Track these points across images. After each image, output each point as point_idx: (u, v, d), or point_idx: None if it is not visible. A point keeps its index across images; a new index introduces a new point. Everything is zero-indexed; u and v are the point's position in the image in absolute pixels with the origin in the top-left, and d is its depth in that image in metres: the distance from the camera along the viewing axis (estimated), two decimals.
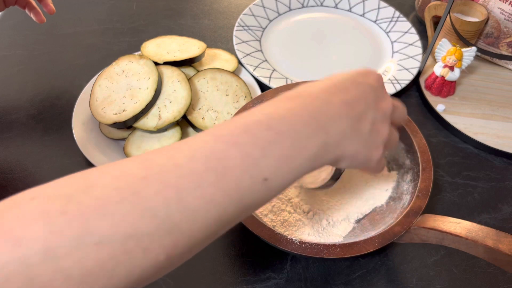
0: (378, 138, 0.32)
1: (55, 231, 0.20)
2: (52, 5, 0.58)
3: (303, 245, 0.37)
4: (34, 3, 0.58)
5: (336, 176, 0.38)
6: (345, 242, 0.38)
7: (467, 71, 0.65)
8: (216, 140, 0.26)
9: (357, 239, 0.38)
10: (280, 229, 0.42)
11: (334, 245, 0.37)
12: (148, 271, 0.23)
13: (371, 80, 0.33)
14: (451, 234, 0.35)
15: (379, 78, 0.34)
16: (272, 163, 0.26)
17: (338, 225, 0.43)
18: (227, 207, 0.25)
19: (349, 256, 0.36)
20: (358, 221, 0.44)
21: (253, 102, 0.49)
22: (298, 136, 0.27)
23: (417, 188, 0.42)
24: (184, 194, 0.23)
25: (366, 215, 0.45)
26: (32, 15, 0.58)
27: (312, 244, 0.37)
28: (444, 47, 0.59)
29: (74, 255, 0.20)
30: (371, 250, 0.37)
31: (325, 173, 0.40)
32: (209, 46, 0.68)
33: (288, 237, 0.38)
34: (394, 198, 0.45)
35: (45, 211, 0.21)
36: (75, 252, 0.20)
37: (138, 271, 0.22)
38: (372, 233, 0.40)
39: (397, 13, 0.72)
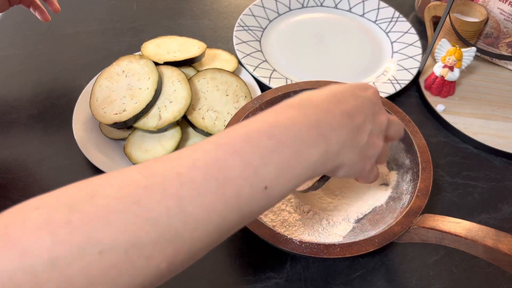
0: (372, 150, 0.33)
1: (59, 240, 0.21)
2: (57, 4, 0.59)
3: (303, 245, 0.37)
4: (38, 2, 0.58)
5: (325, 179, 0.38)
6: (345, 242, 0.38)
7: (466, 71, 0.65)
8: (217, 149, 0.26)
9: (357, 239, 0.38)
10: (280, 229, 0.42)
11: (333, 245, 0.37)
12: (150, 279, 0.23)
13: (369, 94, 0.34)
14: (451, 234, 0.35)
15: (376, 93, 0.35)
16: (273, 172, 0.26)
17: (338, 225, 0.43)
18: (227, 215, 0.25)
19: (348, 256, 0.36)
20: (358, 221, 0.44)
21: (253, 102, 0.49)
22: (299, 145, 0.27)
23: (417, 188, 0.42)
24: (185, 203, 0.23)
25: (366, 215, 0.45)
26: (37, 14, 0.58)
27: (312, 244, 0.37)
28: (443, 47, 0.59)
29: (79, 264, 0.21)
30: (370, 250, 0.37)
31: None
32: (209, 46, 0.68)
33: (288, 236, 0.38)
34: (394, 198, 0.45)
35: (50, 221, 0.21)
36: (80, 261, 0.21)
37: (141, 279, 0.23)
38: (372, 233, 0.40)
39: (397, 13, 0.72)
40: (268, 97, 0.50)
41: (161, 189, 0.23)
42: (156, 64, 0.54)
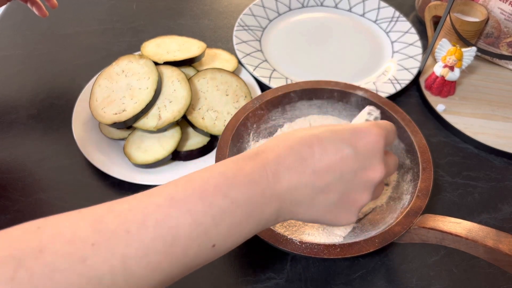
0: (350, 206, 0.31)
1: None
2: (54, 0, 0.58)
3: (303, 245, 0.37)
4: None
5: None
6: (345, 242, 0.37)
7: (467, 71, 0.65)
8: (171, 205, 0.26)
9: (357, 239, 0.38)
10: (280, 229, 0.42)
11: (334, 245, 0.37)
12: None
13: (362, 145, 0.30)
14: (451, 234, 0.35)
15: (375, 143, 0.31)
16: (222, 232, 0.27)
17: None
18: (172, 271, 0.26)
19: (349, 256, 0.36)
20: (358, 221, 0.44)
21: (253, 102, 0.49)
22: (252, 205, 0.28)
23: (417, 188, 0.42)
24: (130, 262, 0.24)
25: (366, 215, 0.45)
26: (34, 9, 0.58)
27: (312, 244, 0.37)
28: (444, 47, 0.59)
29: None
30: (371, 250, 0.37)
31: None
32: (209, 46, 0.68)
33: (288, 237, 0.38)
34: (394, 198, 0.45)
35: None
36: None
37: None
38: (372, 233, 0.40)
39: (397, 13, 0.72)
40: (268, 97, 0.50)
41: (108, 248, 0.24)
42: (156, 64, 0.54)
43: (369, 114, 0.38)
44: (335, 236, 0.42)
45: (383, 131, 0.31)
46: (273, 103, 0.50)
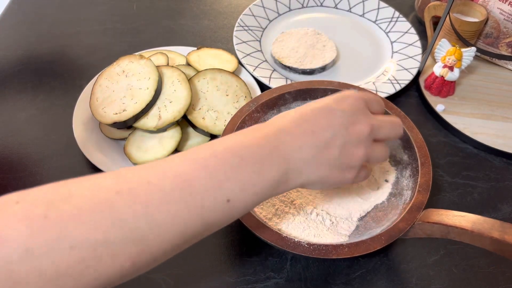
0: (351, 161, 0.34)
1: (35, 233, 0.23)
2: None
3: (311, 247, 0.37)
4: None
5: None
6: (352, 241, 0.38)
7: (466, 71, 0.65)
8: (187, 162, 0.29)
9: (362, 238, 0.38)
10: (285, 232, 0.42)
11: (342, 245, 0.37)
12: (114, 276, 0.25)
13: (346, 105, 0.34)
14: (456, 227, 0.35)
15: (355, 101, 0.35)
16: (235, 187, 0.29)
17: (341, 224, 0.43)
18: (191, 223, 0.27)
19: (357, 255, 0.37)
20: (361, 219, 0.44)
21: (249, 105, 0.49)
22: (260, 163, 0.30)
23: (418, 183, 0.42)
24: (151, 209, 0.26)
25: (368, 213, 0.45)
26: None
27: (320, 245, 0.37)
28: (443, 47, 0.59)
29: (50, 256, 0.23)
30: (378, 248, 0.37)
31: None
32: (209, 46, 0.68)
33: (296, 240, 0.38)
34: (394, 194, 0.45)
35: (28, 215, 0.23)
36: (51, 254, 0.23)
37: (105, 276, 0.25)
38: (377, 230, 0.40)
39: (397, 13, 0.72)
40: (264, 99, 0.50)
41: (131, 195, 0.26)
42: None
43: None
44: (340, 235, 0.42)
45: (362, 95, 0.36)
46: (269, 105, 0.50)
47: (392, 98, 0.61)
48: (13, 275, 0.22)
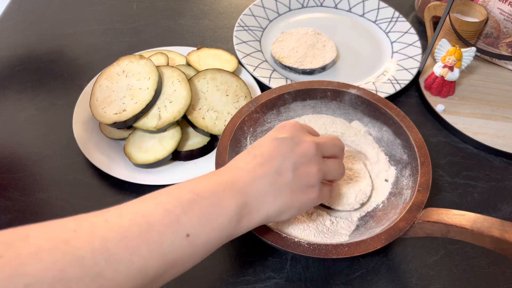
0: (307, 180, 0.35)
1: None
2: None
3: (311, 247, 0.37)
4: None
5: None
6: (352, 241, 0.38)
7: (466, 71, 0.65)
8: (143, 202, 0.29)
9: (363, 237, 0.38)
10: (286, 232, 0.42)
11: (342, 244, 0.37)
12: None
13: (285, 132, 0.36)
14: (456, 226, 0.35)
15: (293, 126, 0.37)
16: (194, 220, 0.29)
17: (342, 224, 0.43)
18: (150, 260, 0.27)
19: (357, 254, 0.36)
20: (361, 218, 0.44)
21: (248, 106, 0.49)
22: (217, 198, 0.30)
23: (417, 182, 0.42)
24: (109, 244, 0.26)
25: (368, 212, 0.45)
26: None
27: (320, 245, 0.37)
28: (443, 47, 0.59)
29: None
30: (378, 247, 0.37)
31: None
32: (209, 46, 0.68)
33: (296, 240, 0.38)
34: (394, 194, 0.45)
35: None
36: None
37: None
38: (377, 230, 0.40)
39: (397, 14, 0.72)
40: (263, 100, 0.50)
41: (89, 232, 0.26)
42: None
43: None
44: (341, 235, 0.42)
45: (316, 139, 0.37)
46: (268, 106, 0.50)
47: (392, 98, 0.61)
48: None
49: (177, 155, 0.52)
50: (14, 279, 0.23)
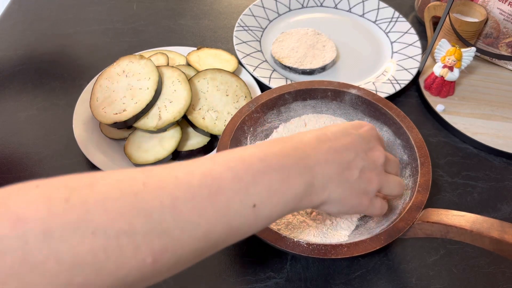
0: (367, 185, 0.35)
1: (55, 214, 0.21)
2: None
3: (310, 247, 0.37)
4: None
5: None
6: (352, 241, 0.38)
7: (466, 71, 0.65)
8: (213, 163, 0.28)
9: (362, 237, 0.38)
10: (285, 232, 0.42)
11: (341, 244, 0.37)
12: (133, 273, 0.23)
13: (362, 131, 0.36)
14: (456, 227, 0.35)
15: (371, 130, 0.37)
16: (262, 192, 0.28)
17: (341, 224, 0.43)
18: (216, 225, 0.26)
19: (356, 255, 0.37)
20: (361, 219, 0.44)
21: (249, 106, 0.49)
22: (286, 172, 0.30)
23: (417, 183, 0.42)
24: (179, 202, 0.25)
25: None
26: None
27: (319, 245, 0.37)
28: (443, 48, 0.59)
29: (70, 240, 0.21)
30: (377, 248, 0.37)
31: None
32: (209, 46, 0.68)
33: (295, 239, 0.38)
34: None
35: (49, 197, 0.22)
36: (71, 237, 0.21)
37: (124, 270, 0.23)
38: (376, 230, 0.40)
39: (397, 14, 0.72)
40: (263, 100, 0.50)
41: (158, 187, 0.25)
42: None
43: None
44: (340, 236, 0.42)
45: (372, 125, 0.38)
46: (268, 106, 0.50)
47: (392, 98, 0.61)
48: (29, 257, 0.20)
49: (177, 155, 0.52)
50: (81, 224, 0.22)
